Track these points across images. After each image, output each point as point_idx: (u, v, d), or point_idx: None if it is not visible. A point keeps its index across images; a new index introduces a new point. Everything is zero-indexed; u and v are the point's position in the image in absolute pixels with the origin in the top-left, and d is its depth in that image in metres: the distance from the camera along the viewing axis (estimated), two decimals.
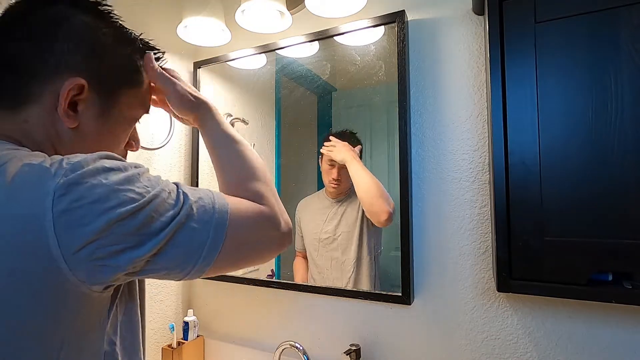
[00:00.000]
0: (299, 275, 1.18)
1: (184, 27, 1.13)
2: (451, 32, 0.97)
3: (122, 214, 0.39)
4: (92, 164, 0.40)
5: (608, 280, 0.71)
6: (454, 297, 0.94)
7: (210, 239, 0.45)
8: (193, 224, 0.44)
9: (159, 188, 0.43)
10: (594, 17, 0.69)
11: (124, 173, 0.41)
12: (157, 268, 0.44)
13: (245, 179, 0.56)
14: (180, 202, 0.44)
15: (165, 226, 0.42)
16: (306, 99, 1.21)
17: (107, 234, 0.38)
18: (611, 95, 0.67)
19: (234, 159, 0.59)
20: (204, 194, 0.48)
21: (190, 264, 0.45)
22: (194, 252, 0.45)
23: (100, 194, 0.39)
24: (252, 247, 0.52)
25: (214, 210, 0.46)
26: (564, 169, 0.70)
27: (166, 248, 0.43)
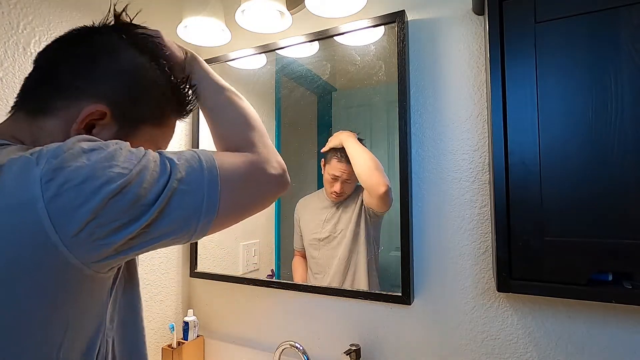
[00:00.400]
0: (298, 275, 1.18)
1: (184, 27, 1.13)
2: (451, 32, 0.97)
3: (113, 190, 0.39)
4: (72, 147, 0.40)
5: (608, 280, 0.71)
6: (454, 297, 0.94)
7: (205, 197, 0.46)
8: (185, 186, 0.45)
9: (144, 159, 0.43)
10: (594, 17, 0.69)
11: (106, 150, 0.41)
12: (156, 237, 0.44)
13: (234, 129, 0.57)
14: (168, 168, 0.44)
15: (158, 195, 0.43)
16: (306, 99, 1.21)
17: (102, 212, 0.39)
18: (611, 95, 0.67)
19: (222, 109, 0.59)
20: (189, 155, 0.48)
21: (192, 226, 0.46)
22: (192, 213, 0.45)
23: (86, 174, 0.39)
24: (250, 194, 0.53)
25: (202, 169, 0.47)
26: (564, 169, 0.70)
27: (162, 216, 0.43)
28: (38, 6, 0.96)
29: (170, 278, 1.32)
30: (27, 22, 0.94)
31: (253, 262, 1.27)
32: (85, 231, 0.38)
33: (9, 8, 0.91)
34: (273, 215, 1.25)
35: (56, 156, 0.39)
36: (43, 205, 0.37)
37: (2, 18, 0.89)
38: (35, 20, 0.96)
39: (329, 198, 1.14)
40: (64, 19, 1.01)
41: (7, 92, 0.91)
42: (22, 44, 0.93)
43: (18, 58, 0.92)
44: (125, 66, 0.51)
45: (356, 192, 1.10)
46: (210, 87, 0.60)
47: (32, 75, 0.51)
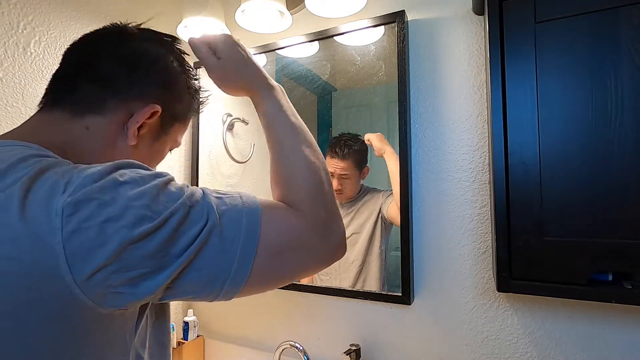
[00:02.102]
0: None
1: (184, 27, 1.13)
2: (451, 32, 0.97)
3: (138, 235, 0.35)
4: (105, 177, 0.37)
5: (608, 280, 0.71)
6: (454, 297, 0.94)
7: (236, 260, 0.40)
8: (218, 240, 0.40)
9: (180, 202, 0.39)
10: (594, 17, 0.69)
11: (141, 187, 0.38)
12: (179, 292, 0.40)
13: (301, 180, 0.50)
14: (205, 217, 0.40)
15: (186, 247, 0.38)
16: (306, 99, 1.21)
17: (121, 257, 0.35)
18: (611, 95, 0.67)
19: (293, 152, 0.52)
20: (232, 202, 0.43)
21: (218, 286, 0.41)
22: (221, 272, 0.40)
23: (112, 212, 0.35)
24: (296, 263, 0.46)
25: (240, 224, 0.41)
26: (564, 169, 0.70)
27: (189, 269, 0.39)
28: (38, 6, 0.96)
29: None
30: (27, 22, 0.94)
31: None
32: (100, 276, 0.35)
33: (8, 8, 0.91)
34: None
35: (84, 185, 0.36)
36: (60, 239, 0.34)
37: (2, 18, 0.89)
38: (35, 20, 0.96)
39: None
40: (63, 19, 1.02)
41: (7, 92, 0.91)
42: (22, 44, 0.93)
43: (18, 58, 0.92)
44: (168, 71, 0.53)
45: (375, 199, 1.07)
46: (283, 120, 0.54)
47: (70, 72, 0.49)
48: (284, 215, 0.46)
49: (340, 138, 1.11)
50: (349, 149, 1.09)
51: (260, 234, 0.42)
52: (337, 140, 1.12)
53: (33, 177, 0.36)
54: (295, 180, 0.50)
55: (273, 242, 0.43)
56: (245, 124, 1.29)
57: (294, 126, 0.54)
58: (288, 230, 0.45)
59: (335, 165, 1.09)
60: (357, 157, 1.09)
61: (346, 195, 1.11)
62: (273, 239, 0.43)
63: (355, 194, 1.11)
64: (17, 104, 0.92)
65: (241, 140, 1.29)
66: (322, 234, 0.47)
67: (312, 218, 0.47)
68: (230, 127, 1.30)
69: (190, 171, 1.35)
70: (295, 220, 0.46)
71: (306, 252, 0.47)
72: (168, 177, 0.41)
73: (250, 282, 0.42)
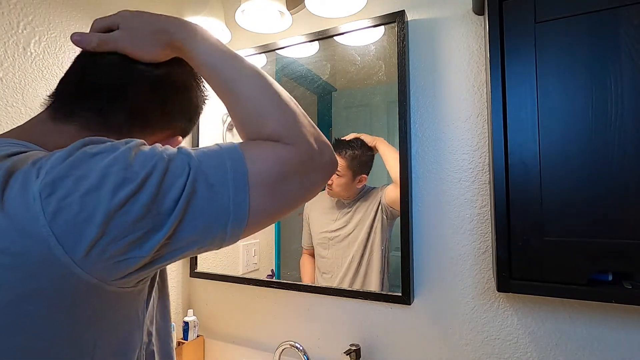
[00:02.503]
0: (306, 274, 1.17)
1: None
2: (451, 32, 0.97)
3: (122, 200, 0.34)
4: (74, 153, 0.36)
5: (608, 280, 0.71)
6: (454, 297, 0.94)
7: (232, 201, 0.39)
8: (206, 186, 0.38)
9: (156, 159, 0.38)
10: (594, 17, 0.69)
11: (113, 154, 0.36)
12: (183, 245, 0.39)
13: (262, 109, 0.46)
14: (186, 168, 0.38)
15: (177, 198, 0.37)
16: (306, 99, 1.21)
17: (112, 225, 0.34)
18: (611, 95, 0.67)
19: (243, 84, 0.47)
20: (212, 151, 0.42)
21: (219, 233, 0.40)
22: (218, 216, 0.39)
23: (89, 183, 0.34)
24: (291, 191, 0.44)
25: (225, 167, 0.40)
26: (564, 169, 0.70)
27: (184, 222, 0.38)
28: (38, 6, 0.96)
29: (170, 278, 1.31)
30: (27, 22, 0.94)
31: (253, 262, 1.27)
32: (97, 249, 0.34)
33: (9, 8, 0.91)
34: None
35: (55, 165, 0.35)
36: (45, 222, 0.33)
37: (2, 18, 0.89)
38: (35, 20, 0.96)
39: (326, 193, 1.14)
40: (64, 19, 1.02)
41: (8, 92, 0.91)
42: (22, 44, 0.93)
43: (18, 58, 0.92)
44: (193, 101, 0.54)
45: (374, 194, 1.08)
46: (223, 55, 0.48)
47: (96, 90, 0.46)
48: (268, 149, 0.44)
49: (344, 140, 1.11)
50: (350, 149, 1.09)
51: (248, 171, 0.41)
52: (341, 140, 1.12)
53: (9, 171, 0.35)
54: (267, 115, 0.46)
55: (264, 176, 0.42)
56: None
57: (241, 61, 0.49)
58: (276, 161, 0.43)
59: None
60: (354, 159, 1.09)
61: (335, 192, 1.12)
62: (263, 173, 0.42)
63: (352, 196, 1.11)
64: (17, 104, 0.92)
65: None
66: (312, 156, 0.45)
67: (298, 144, 0.44)
68: (230, 127, 1.30)
69: None
70: (281, 150, 0.44)
71: (301, 176, 0.45)
72: (139, 141, 0.40)
73: (253, 218, 0.41)
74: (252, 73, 0.48)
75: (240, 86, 0.47)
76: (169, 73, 0.50)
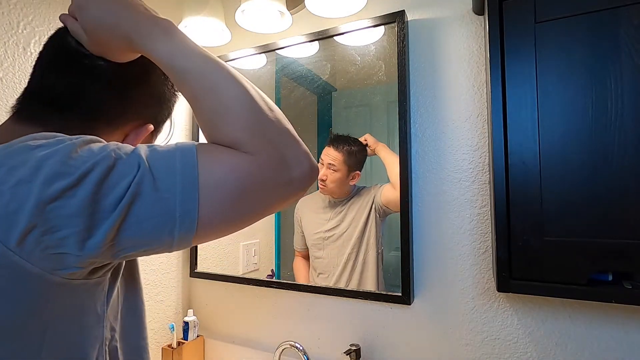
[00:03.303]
0: (300, 276, 1.17)
1: (184, 27, 1.13)
2: (451, 32, 0.97)
3: (55, 192, 0.33)
4: (15, 145, 0.36)
5: (608, 280, 0.71)
6: (454, 297, 0.94)
7: (178, 203, 0.37)
8: (152, 189, 0.36)
9: (101, 156, 0.36)
10: (594, 17, 0.69)
11: (54, 147, 0.35)
12: (128, 247, 0.37)
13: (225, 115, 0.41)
14: (135, 168, 0.36)
15: (119, 199, 0.35)
16: (306, 99, 1.21)
17: (44, 217, 0.33)
18: (611, 95, 0.67)
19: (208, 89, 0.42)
20: (165, 150, 0.39)
21: (166, 235, 0.37)
22: (164, 221, 0.37)
23: (22, 174, 0.34)
24: (254, 202, 0.41)
25: (175, 167, 0.37)
26: (564, 169, 0.70)
27: (126, 224, 0.36)
28: (38, 6, 0.96)
29: (170, 278, 1.32)
30: (27, 22, 0.94)
31: (253, 262, 1.27)
32: (30, 240, 0.33)
33: (9, 8, 0.91)
34: (273, 215, 1.25)
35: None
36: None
37: (2, 18, 0.90)
38: (35, 20, 0.96)
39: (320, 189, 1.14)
40: None
41: (8, 92, 0.91)
42: (22, 44, 0.93)
43: (18, 58, 0.92)
44: (157, 86, 0.52)
45: (366, 193, 1.09)
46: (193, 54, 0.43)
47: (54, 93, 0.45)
48: (225, 155, 0.40)
49: (343, 135, 1.12)
50: (347, 144, 1.10)
51: (199, 177, 0.37)
52: (340, 135, 1.12)
53: None
54: (226, 116, 0.41)
55: (218, 185, 0.38)
56: None
57: (206, 56, 0.44)
58: (232, 170, 0.39)
59: (327, 154, 1.11)
60: (351, 155, 1.09)
61: (329, 188, 1.12)
62: (218, 181, 0.38)
63: (345, 194, 1.12)
64: None
65: None
66: (278, 168, 0.41)
67: (259, 154, 0.40)
68: None
69: None
70: (239, 159, 0.39)
71: (261, 191, 0.40)
72: (90, 138, 0.38)
73: (205, 228, 0.38)
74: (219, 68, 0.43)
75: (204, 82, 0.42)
76: (124, 65, 0.48)
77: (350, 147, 1.09)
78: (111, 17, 0.43)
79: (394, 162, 1.01)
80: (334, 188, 1.11)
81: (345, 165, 1.09)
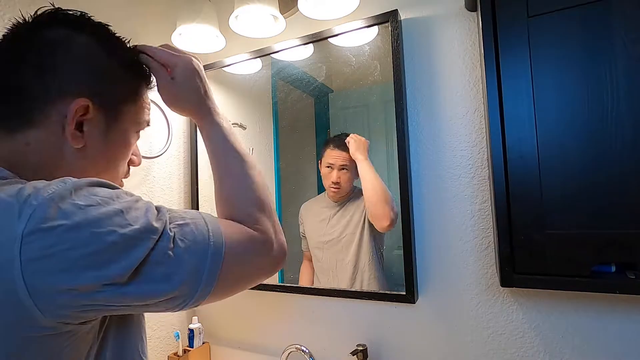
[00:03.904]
0: (305, 280, 1.18)
1: (178, 34, 1.13)
2: (445, 29, 0.97)
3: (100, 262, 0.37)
4: (64, 200, 0.37)
5: (611, 272, 0.71)
6: (458, 293, 0.94)
7: (207, 270, 0.44)
8: (186, 255, 0.43)
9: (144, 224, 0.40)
10: (586, 9, 0.69)
11: (103, 207, 0.38)
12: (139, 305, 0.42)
13: (244, 198, 0.54)
14: (170, 236, 0.42)
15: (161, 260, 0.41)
16: (303, 101, 1.21)
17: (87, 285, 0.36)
18: (606, 85, 0.67)
19: (234, 174, 0.56)
20: (194, 223, 0.46)
21: (188, 295, 0.44)
22: (193, 283, 0.43)
23: (74, 239, 0.36)
24: (245, 274, 0.51)
25: (208, 238, 0.45)
26: (562, 162, 0.70)
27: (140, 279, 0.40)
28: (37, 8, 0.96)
29: None
30: None
31: None
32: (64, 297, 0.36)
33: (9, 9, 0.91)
34: None
35: (43, 210, 0.35)
36: (19, 265, 0.33)
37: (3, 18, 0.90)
38: None
39: (329, 196, 1.14)
40: None
41: None
42: None
43: None
44: (81, 53, 0.48)
45: (359, 196, 1.09)
46: (223, 148, 0.57)
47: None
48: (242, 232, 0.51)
49: (341, 135, 1.12)
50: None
51: (225, 246, 0.46)
52: (338, 135, 1.13)
53: None
54: (243, 201, 0.54)
55: (235, 253, 0.48)
56: (243, 128, 1.29)
57: (238, 152, 0.57)
58: (247, 244, 0.50)
59: (336, 157, 1.10)
60: None
61: (343, 189, 1.11)
62: (235, 251, 0.48)
63: (349, 192, 1.12)
64: None
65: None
66: (273, 248, 0.53)
67: (265, 235, 0.52)
68: None
69: (190, 178, 1.36)
70: (251, 236, 0.51)
71: (259, 263, 0.53)
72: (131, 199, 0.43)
73: (217, 288, 0.46)
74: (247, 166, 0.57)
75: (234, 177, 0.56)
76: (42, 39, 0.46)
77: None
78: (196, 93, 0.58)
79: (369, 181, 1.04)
80: (346, 186, 1.11)
81: (352, 162, 1.09)
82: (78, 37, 0.48)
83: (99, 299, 0.38)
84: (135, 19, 1.21)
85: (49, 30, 0.47)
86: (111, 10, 1.12)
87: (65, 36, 0.47)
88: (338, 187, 1.11)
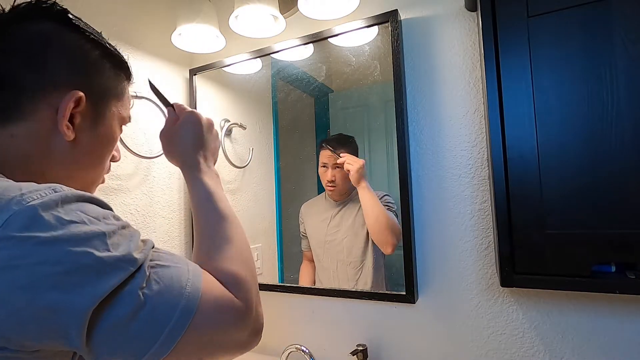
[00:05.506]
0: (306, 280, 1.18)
1: (178, 34, 1.13)
2: (445, 29, 0.97)
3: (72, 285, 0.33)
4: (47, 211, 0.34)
5: (611, 272, 0.71)
6: (458, 293, 0.94)
7: (171, 324, 0.38)
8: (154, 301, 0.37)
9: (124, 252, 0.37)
10: (586, 8, 0.69)
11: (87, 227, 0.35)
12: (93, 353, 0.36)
13: (225, 257, 0.49)
14: (145, 275, 0.38)
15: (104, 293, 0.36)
16: (303, 101, 1.21)
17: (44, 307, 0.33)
18: (606, 85, 0.67)
19: (215, 231, 0.52)
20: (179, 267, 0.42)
21: (143, 350, 0.37)
22: (153, 334, 0.37)
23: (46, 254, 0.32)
24: (214, 343, 0.43)
25: (185, 289, 0.40)
26: (562, 161, 0.70)
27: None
28: None
29: None
30: None
31: (256, 267, 1.27)
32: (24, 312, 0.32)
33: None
34: (274, 219, 1.25)
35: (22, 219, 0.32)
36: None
37: None
38: None
39: (329, 195, 1.14)
40: None
41: None
42: None
43: None
44: (71, 47, 0.47)
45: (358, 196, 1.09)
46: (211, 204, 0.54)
47: None
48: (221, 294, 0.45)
49: (336, 135, 1.13)
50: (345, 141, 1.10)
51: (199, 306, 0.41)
52: (333, 136, 1.14)
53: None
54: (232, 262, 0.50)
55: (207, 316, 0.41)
56: (243, 129, 1.30)
57: (219, 211, 0.54)
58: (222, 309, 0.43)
59: (330, 156, 1.11)
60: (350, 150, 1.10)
61: (340, 187, 1.12)
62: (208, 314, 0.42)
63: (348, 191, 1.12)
64: None
65: (239, 146, 1.29)
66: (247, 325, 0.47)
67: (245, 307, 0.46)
68: (228, 133, 1.30)
69: None
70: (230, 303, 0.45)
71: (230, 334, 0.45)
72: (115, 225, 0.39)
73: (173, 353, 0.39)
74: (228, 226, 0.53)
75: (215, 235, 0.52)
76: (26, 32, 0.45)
77: (348, 142, 1.10)
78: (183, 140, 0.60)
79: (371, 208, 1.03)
80: (342, 185, 1.11)
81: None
82: (66, 30, 0.48)
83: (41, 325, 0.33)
84: (136, 19, 1.21)
85: (36, 23, 0.46)
86: (111, 10, 1.12)
87: (54, 29, 0.47)
88: (334, 185, 1.12)
